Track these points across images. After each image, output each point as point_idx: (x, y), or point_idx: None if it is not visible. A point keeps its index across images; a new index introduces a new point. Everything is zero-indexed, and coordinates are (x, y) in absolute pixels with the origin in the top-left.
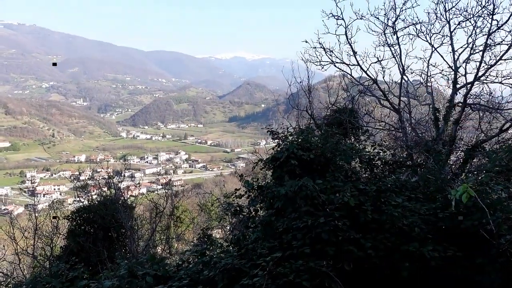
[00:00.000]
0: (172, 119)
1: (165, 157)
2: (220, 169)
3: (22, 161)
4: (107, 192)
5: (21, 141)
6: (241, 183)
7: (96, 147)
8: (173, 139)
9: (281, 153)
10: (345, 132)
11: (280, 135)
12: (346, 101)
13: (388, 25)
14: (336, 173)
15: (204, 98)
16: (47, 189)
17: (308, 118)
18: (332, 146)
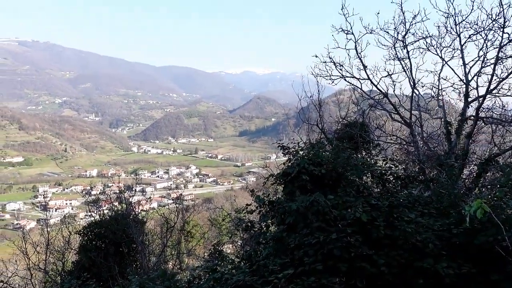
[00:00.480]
0: (183, 133)
1: (176, 171)
2: (230, 184)
3: (35, 175)
4: (118, 206)
5: (34, 156)
6: (252, 198)
7: (108, 161)
8: (183, 154)
9: (292, 168)
10: (356, 147)
11: (291, 150)
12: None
13: (398, 39)
14: (348, 188)
15: (214, 112)
16: (59, 203)
17: (319, 132)
18: (343, 161)
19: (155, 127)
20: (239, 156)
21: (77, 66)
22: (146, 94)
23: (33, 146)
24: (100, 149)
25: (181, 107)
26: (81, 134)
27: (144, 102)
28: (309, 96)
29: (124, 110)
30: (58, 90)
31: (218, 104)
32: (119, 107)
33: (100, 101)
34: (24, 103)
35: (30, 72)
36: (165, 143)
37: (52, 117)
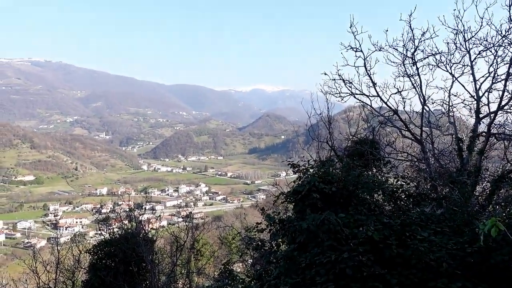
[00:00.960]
0: (193, 151)
1: (186, 189)
2: (240, 201)
3: (46, 194)
4: (128, 225)
5: (45, 175)
6: (262, 216)
7: (118, 180)
8: (193, 171)
9: (303, 186)
10: (367, 164)
11: (301, 168)
12: (366, 132)
13: (407, 56)
14: (359, 206)
15: (224, 130)
16: (69, 222)
17: (329, 150)
18: (354, 179)
19: (165, 145)
20: (248, 174)
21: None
22: (156, 112)
23: (44, 164)
24: (111, 167)
25: (191, 125)
26: (91, 153)
27: (154, 120)
28: (318, 113)
29: (134, 128)
30: (70, 109)
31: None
32: (129, 125)
33: (110, 119)
34: (36, 122)
35: (42, 91)
36: (175, 161)
37: (64, 135)
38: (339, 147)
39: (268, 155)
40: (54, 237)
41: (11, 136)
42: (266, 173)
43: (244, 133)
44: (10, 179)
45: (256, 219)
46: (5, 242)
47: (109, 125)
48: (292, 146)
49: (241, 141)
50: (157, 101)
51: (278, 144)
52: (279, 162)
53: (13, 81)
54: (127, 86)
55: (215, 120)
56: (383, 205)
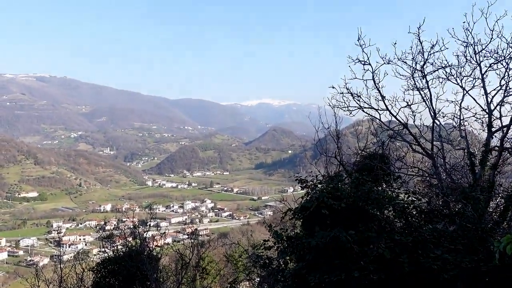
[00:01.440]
0: (198, 166)
1: (191, 205)
2: (247, 218)
3: (49, 211)
4: (132, 242)
5: (48, 191)
6: (270, 233)
7: (122, 196)
8: (198, 187)
9: (311, 202)
10: (376, 179)
11: (309, 183)
12: (376, 147)
13: (416, 69)
14: (369, 223)
15: (230, 145)
16: (72, 239)
17: (337, 165)
18: (364, 194)
19: (170, 161)
20: (255, 190)
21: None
22: (161, 127)
23: (48, 180)
24: (115, 183)
25: (196, 139)
26: (95, 168)
27: (159, 135)
28: (326, 128)
29: (139, 143)
30: (74, 124)
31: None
32: (134, 140)
33: (115, 134)
34: (40, 138)
35: (47, 107)
36: (180, 177)
37: (68, 151)
38: (348, 162)
39: (275, 170)
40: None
41: (15, 152)
42: (273, 188)
43: (251, 148)
44: (14, 195)
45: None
46: (8, 260)
47: (114, 141)
48: (299, 161)
49: (247, 156)
50: (162, 116)
51: (285, 159)
52: (286, 178)
53: (18, 96)
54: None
55: (220, 135)
56: (394, 222)
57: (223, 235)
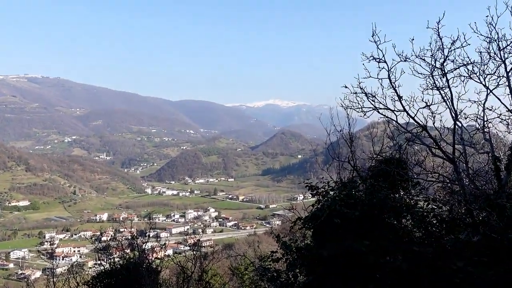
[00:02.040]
0: (201, 173)
1: (193, 214)
2: (253, 228)
3: (41, 220)
4: (130, 254)
5: (41, 199)
6: (278, 244)
7: (119, 204)
8: (201, 195)
9: (322, 210)
10: (393, 185)
11: (320, 190)
12: (392, 150)
13: (436, 67)
14: (385, 233)
15: (235, 149)
16: (66, 251)
17: (351, 170)
18: (380, 202)
19: (171, 166)
20: (262, 197)
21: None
22: (160, 131)
23: (40, 188)
24: (111, 190)
25: (199, 144)
26: (91, 175)
27: (159, 140)
28: (338, 130)
29: (137, 148)
30: (68, 128)
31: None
32: (132, 145)
33: (111, 139)
34: (32, 143)
35: (39, 109)
36: (182, 184)
37: (61, 157)
38: (362, 167)
39: (284, 176)
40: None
41: (5, 158)
42: (281, 196)
43: (257, 153)
44: (4, 204)
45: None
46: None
47: (110, 145)
48: (310, 167)
49: (253, 161)
50: (162, 118)
51: (295, 164)
52: (296, 184)
53: (8, 98)
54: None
55: (225, 139)
56: (412, 232)
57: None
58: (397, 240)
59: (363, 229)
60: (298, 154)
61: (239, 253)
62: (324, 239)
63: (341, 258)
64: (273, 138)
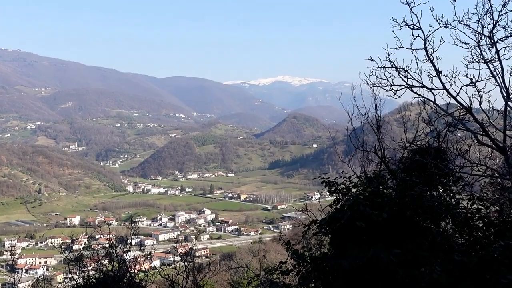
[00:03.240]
0: (194, 166)
1: (185, 217)
2: (258, 233)
3: (0, 225)
4: (108, 266)
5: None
6: (288, 254)
7: (94, 205)
8: (194, 194)
9: (342, 212)
10: (430, 181)
11: (340, 187)
12: (429, 138)
13: (483, 35)
14: (420, 239)
15: (235, 137)
16: (30, 262)
17: (378, 162)
18: (413, 201)
19: (157, 159)
20: (269, 196)
21: (56, 81)
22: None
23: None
24: (85, 188)
25: (191, 131)
26: (59, 170)
27: (142, 126)
28: (363, 114)
29: (116, 136)
30: (31, 112)
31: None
32: (109, 132)
33: (84, 125)
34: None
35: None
36: (170, 180)
37: (23, 147)
38: (391, 159)
39: (295, 170)
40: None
41: None
42: (292, 194)
43: (263, 142)
44: None
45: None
46: None
47: (83, 133)
48: (327, 158)
49: (258, 152)
50: (146, 100)
51: (309, 155)
52: (311, 180)
53: None
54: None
55: (223, 124)
56: (453, 237)
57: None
58: (434, 248)
59: (393, 235)
60: (313, 143)
61: (241, 265)
62: (344, 246)
63: (366, 270)
64: (282, 123)
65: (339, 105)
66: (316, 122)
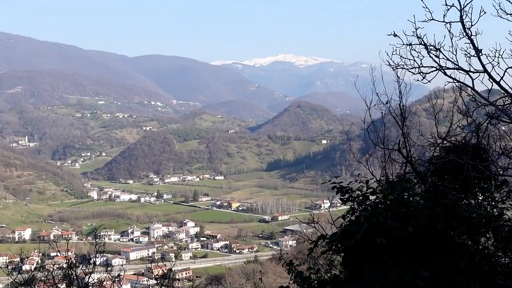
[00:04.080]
0: (174, 167)
1: (162, 231)
2: (253, 251)
3: None
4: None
5: None
6: (290, 276)
7: (49, 215)
8: (174, 201)
9: (358, 225)
10: (467, 186)
11: (355, 194)
12: (466, 133)
13: None
14: (454, 258)
15: (225, 131)
16: None
17: (402, 163)
18: (446, 211)
19: (128, 158)
20: (267, 205)
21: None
22: (112, 103)
23: None
24: (37, 194)
25: (170, 123)
26: (5, 171)
27: (110, 116)
28: (384, 102)
29: (77, 129)
30: None
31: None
32: (68, 124)
33: (37, 115)
34: None
35: None
36: (144, 184)
37: None
38: (419, 158)
39: (300, 172)
40: None
41: None
42: (296, 203)
43: (260, 136)
44: None
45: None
46: None
47: (35, 125)
48: (340, 157)
49: (254, 150)
50: (114, 84)
51: (317, 153)
52: (319, 185)
53: None
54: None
55: (210, 115)
56: (495, 256)
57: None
58: (472, 270)
59: (420, 253)
60: (322, 139)
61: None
62: (360, 267)
63: None
64: (283, 113)
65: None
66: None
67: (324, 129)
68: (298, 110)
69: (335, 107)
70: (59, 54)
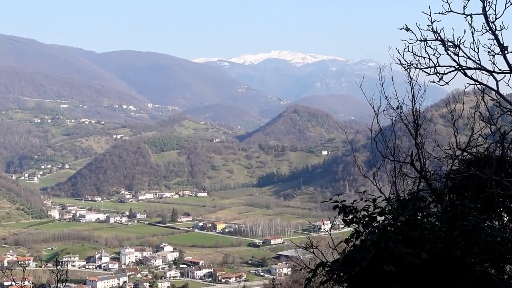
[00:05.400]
0: (149, 182)
1: (135, 256)
2: (242, 280)
3: None
4: None
5: None
6: None
7: (3, 238)
8: (149, 222)
9: (364, 250)
10: (490, 206)
11: (361, 214)
12: (490, 143)
13: None
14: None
15: (209, 140)
16: None
17: (416, 178)
18: (466, 235)
19: (95, 171)
20: (258, 226)
21: None
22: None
23: None
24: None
25: (145, 130)
26: None
27: (74, 123)
28: (395, 108)
29: (35, 137)
30: None
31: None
32: (25, 132)
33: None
34: None
35: None
36: (114, 201)
37: None
38: (435, 173)
39: (297, 188)
40: None
41: None
42: (292, 224)
43: (250, 146)
44: None
45: None
46: None
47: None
48: (343, 171)
49: (243, 162)
50: (79, 84)
51: (316, 166)
52: (318, 204)
53: None
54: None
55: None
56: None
57: None
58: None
59: (436, 283)
60: (323, 149)
61: None
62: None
63: None
64: (277, 120)
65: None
66: (326, 118)
67: (325, 138)
68: (295, 115)
69: (337, 113)
70: (14, 49)
